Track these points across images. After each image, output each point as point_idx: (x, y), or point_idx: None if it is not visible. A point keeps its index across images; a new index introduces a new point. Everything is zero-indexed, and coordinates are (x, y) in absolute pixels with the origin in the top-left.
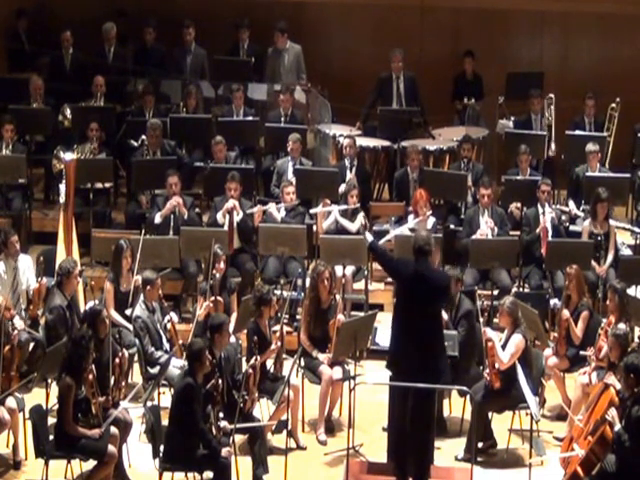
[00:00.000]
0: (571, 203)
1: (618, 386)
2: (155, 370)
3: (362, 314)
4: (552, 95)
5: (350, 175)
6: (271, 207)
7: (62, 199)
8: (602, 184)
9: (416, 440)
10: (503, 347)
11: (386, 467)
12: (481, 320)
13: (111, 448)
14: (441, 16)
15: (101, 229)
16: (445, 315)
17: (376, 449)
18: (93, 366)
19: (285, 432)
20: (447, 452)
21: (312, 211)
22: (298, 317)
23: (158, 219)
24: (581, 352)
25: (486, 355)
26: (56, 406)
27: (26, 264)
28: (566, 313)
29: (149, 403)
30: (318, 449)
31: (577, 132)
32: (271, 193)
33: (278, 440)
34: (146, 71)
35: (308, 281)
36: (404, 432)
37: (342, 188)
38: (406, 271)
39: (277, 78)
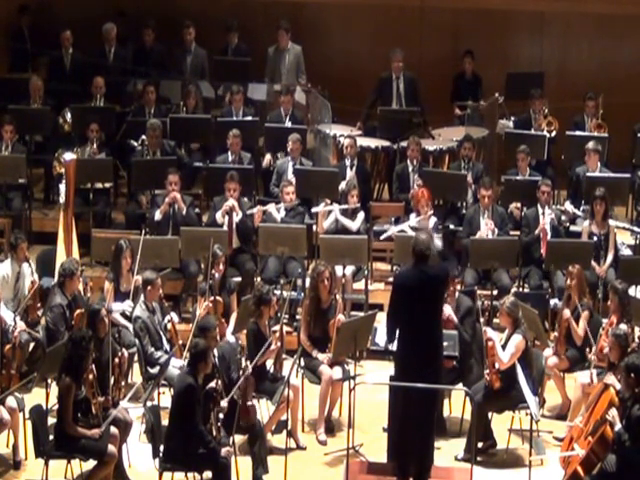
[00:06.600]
0: (567, 204)
1: (618, 386)
2: (155, 370)
3: (362, 314)
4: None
5: (350, 174)
6: (271, 207)
7: (62, 199)
8: (602, 184)
9: (417, 440)
10: (503, 347)
11: (386, 467)
12: (482, 320)
13: (111, 448)
14: (441, 16)
15: (101, 229)
16: (454, 317)
17: (376, 449)
18: (93, 366)
19: (285, 432)
20: (447, 452)
21: (313, 210)
22: (298, 317)
23: (158, 215)
24: (590, 355)
25: (486, 355)
26: (56, 406)
27: (29, 270)
28: (567, 313)
29: (149, 403)
30: (318, 449)
31: (577, 132)
32: (270, 193)
33: (278, 440)
34: (146, 71)
35: (308, 281)
36: (405, 432)
37: (342, 186)
38: (410, 282)
39: (277, 78)
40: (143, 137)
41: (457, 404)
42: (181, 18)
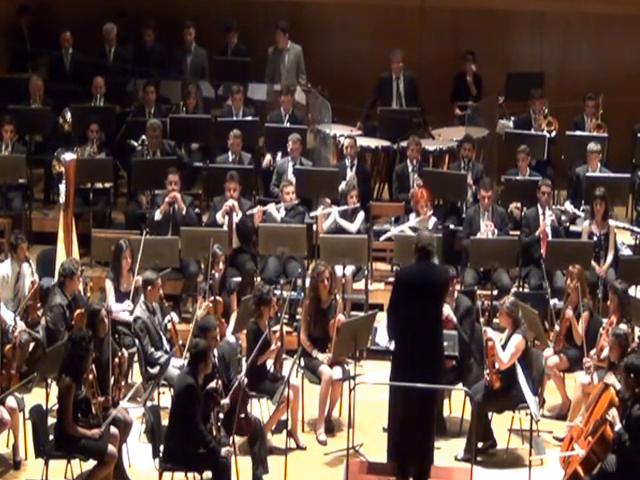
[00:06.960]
0: (567, 204)
1: (618, 386)
2: (155, 370)
3: (362, 314)
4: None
5: (350, 174)
6: (271, 207)
7: (62, 199)
8: (602, 184)
9: (417, 440)
10: (503, 347)
11: (386, 467)
12: (482, 320)
13: (111, 448)
14: (441, 16)
15: (101, 229)
16: (454, 318)
17: (376, 449)
18: (93, 366)
19: (285, 432)
20: (447, 452)
21: (312, 214)
22: (298, 317)
23: (158, 215)
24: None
25: (486, 355)
26: (56, 406)
27: (29, 270)
28: (569, 312)
29: (149, 403)
30: (318, 449)
31: (577, 132)
32: (270, 193)
33: (278, 440)
34: (146, 71)
35: (308, 281)
36: (405, 432)
37: (342, 186)
38: (410, 278)
39: (277, 78)
40: (143, 137)
41: (457, 404)
42: (181, 18)
